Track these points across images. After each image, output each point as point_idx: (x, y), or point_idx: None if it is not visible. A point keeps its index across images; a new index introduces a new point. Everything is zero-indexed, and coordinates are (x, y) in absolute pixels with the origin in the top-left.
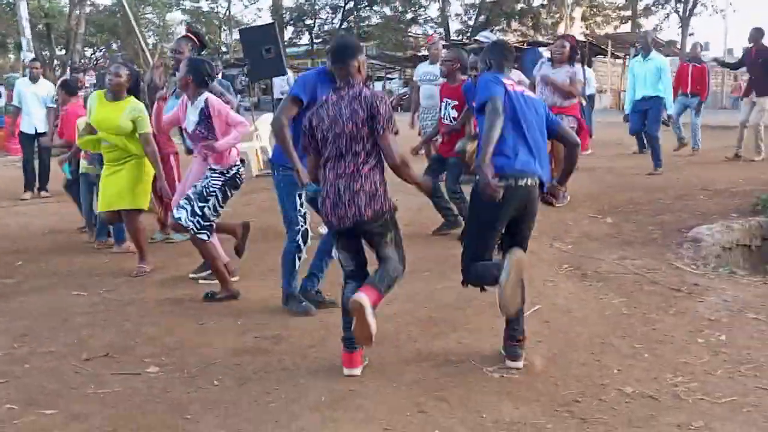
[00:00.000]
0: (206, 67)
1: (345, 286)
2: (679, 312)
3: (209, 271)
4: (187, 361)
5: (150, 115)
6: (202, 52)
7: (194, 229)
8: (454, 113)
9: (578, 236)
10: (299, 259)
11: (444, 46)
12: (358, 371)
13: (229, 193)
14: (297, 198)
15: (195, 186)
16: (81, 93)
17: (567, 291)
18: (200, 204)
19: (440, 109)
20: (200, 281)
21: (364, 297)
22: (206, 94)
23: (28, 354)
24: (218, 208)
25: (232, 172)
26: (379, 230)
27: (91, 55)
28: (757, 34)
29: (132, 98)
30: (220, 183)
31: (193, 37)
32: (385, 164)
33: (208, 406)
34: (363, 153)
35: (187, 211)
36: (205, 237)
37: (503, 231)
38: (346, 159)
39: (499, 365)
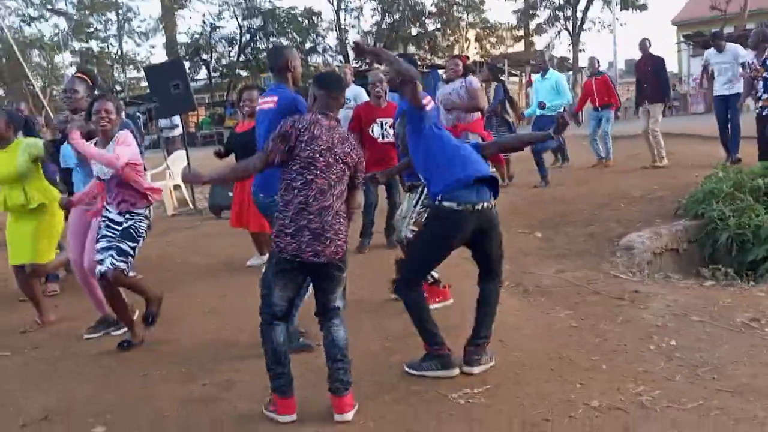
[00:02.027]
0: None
1: (273, 329)
2: (626, 320)
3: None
4: (135, 416)
5: None
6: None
7: (126, 268)
8: (391, 131)
9: (513, 252)
10: None
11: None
12: (295, 417)
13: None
14: None
15: (105, 236)
16: None
17: (513, 308)
18: (130, 243)
19: (370, 130)
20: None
21: (347, 415)
22: (123, 130)
23: None
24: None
25: (151, 213)
26: (339, 270)
27: None
28: (645, 44)
29: (21, 138)
30: (146, 225)
31: (85, 77)
32: None
33: None
34: (340, 192)
35: (113, 254)
36: (132, 274)
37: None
38: (329, 193)
39: (463, 390)
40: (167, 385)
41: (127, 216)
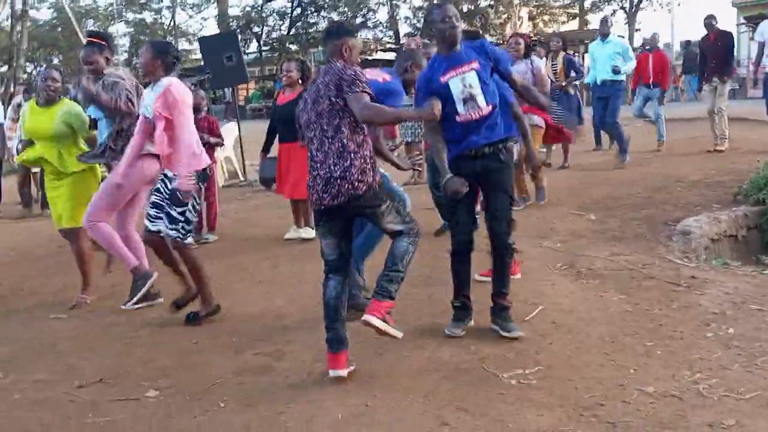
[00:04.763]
0: (173, 50)
1: (326, 281)
2: (682, 307)
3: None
4: (187, 382)
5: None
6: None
7: (180, 236)
8: None
9: (565, 234)
10: None
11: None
12: (343, 373)
13: (201, 188)
14: None
15: (159, 191)
16: None
17: (567, 290)
18: (179, 208)
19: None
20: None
21: (371, 318)
22: (172, 79)
23: (16, 383)
24: (197, 207)
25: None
26: (370, 206)
27: (32, 70)
28: (712, 20)
29: (66, 100)
30: (194, 180)
31: (98, 40)
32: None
33: (219, 431)
34: (339, 128)
35: (163, 220)
36: (191, 241)
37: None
38: (326, 139)
39: (514, 371)
40: (219, 354)
41: (175, 173)
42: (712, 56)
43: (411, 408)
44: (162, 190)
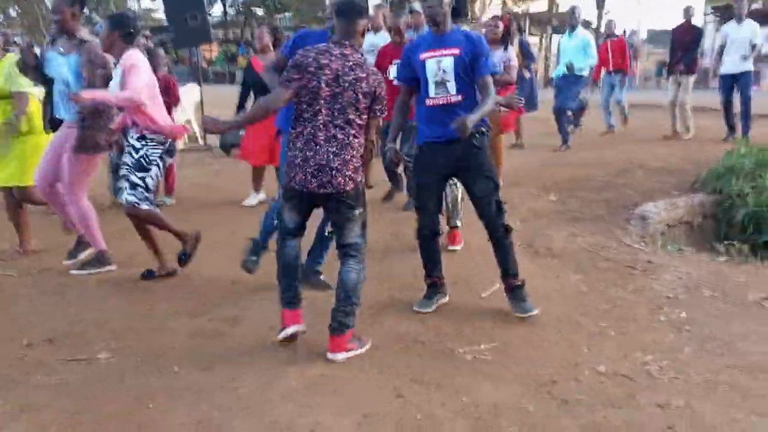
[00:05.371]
0: (131, 21)
1: (283, 245)
2: (637, 289)
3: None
4: (140, 346)
5: None
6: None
7: (137, 201)
8: None
9: (525, 214)
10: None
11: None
12: (302, 327)
13: (165, 161)
14: None
15: (126, 163)
16: None
17: (525, 268)
18: (140, 174)
19: (389, 72)
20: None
21: (337, 356)
22: (131, 50)
23: None
24: (159, 177)
25: (168, 142)
26: (348, 207)
27: None
28: (690, 11)
29: (8, 55)
30: (160, 151)
31: None
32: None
33: (173, 395)
34: (350, 122)
35: (126, 185)
36: (147, 206)
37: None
38: (335, 124)
39: (470, 346)
40: (174, 318)
41: (143, 141)
42: (680, 46)
43: (367, 379)
44: (127, 161)
